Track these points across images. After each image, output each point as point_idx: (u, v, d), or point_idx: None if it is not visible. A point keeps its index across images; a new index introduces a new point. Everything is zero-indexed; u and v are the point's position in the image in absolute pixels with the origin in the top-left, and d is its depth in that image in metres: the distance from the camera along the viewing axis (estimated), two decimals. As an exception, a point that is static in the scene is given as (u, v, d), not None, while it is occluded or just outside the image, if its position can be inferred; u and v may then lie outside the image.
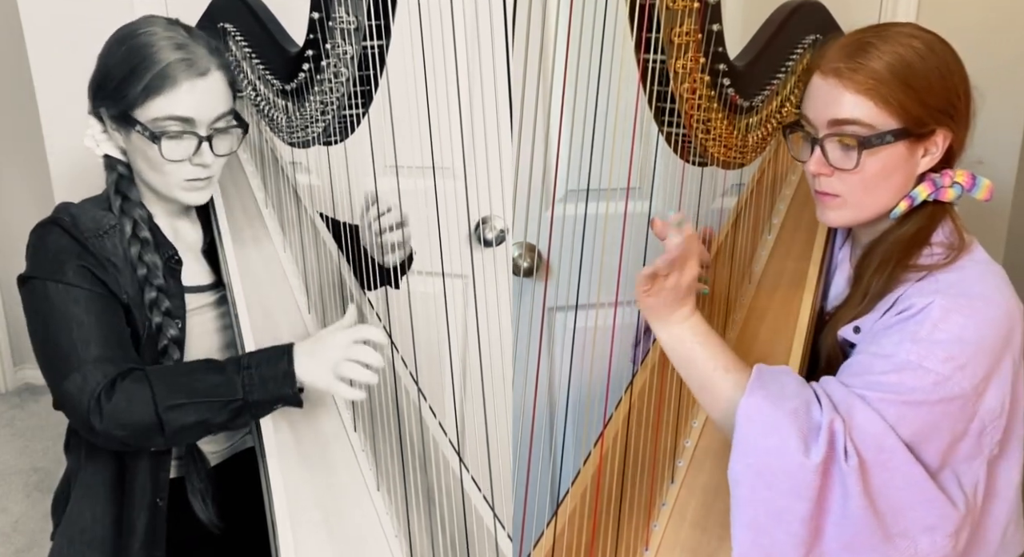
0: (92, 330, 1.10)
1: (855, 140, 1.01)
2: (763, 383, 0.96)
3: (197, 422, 1.08)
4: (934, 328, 0.95)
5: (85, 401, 1.06)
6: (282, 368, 1.09)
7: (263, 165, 1.43)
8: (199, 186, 1.19)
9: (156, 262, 1.18)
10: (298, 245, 1.37)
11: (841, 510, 0.92)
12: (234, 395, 1.08)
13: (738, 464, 0.94)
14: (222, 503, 1.26)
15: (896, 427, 0.93)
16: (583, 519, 1.06)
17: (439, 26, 1.10)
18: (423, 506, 1.13)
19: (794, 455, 0.91)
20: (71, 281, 1.12)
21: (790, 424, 0.92)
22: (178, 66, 1.12)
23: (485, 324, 1.56)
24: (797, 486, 0.91)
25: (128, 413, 1.07)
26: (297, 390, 1.10)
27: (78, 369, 1.08)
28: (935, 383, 0.93)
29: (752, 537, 0.93)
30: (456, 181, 1.26)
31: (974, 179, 1.06)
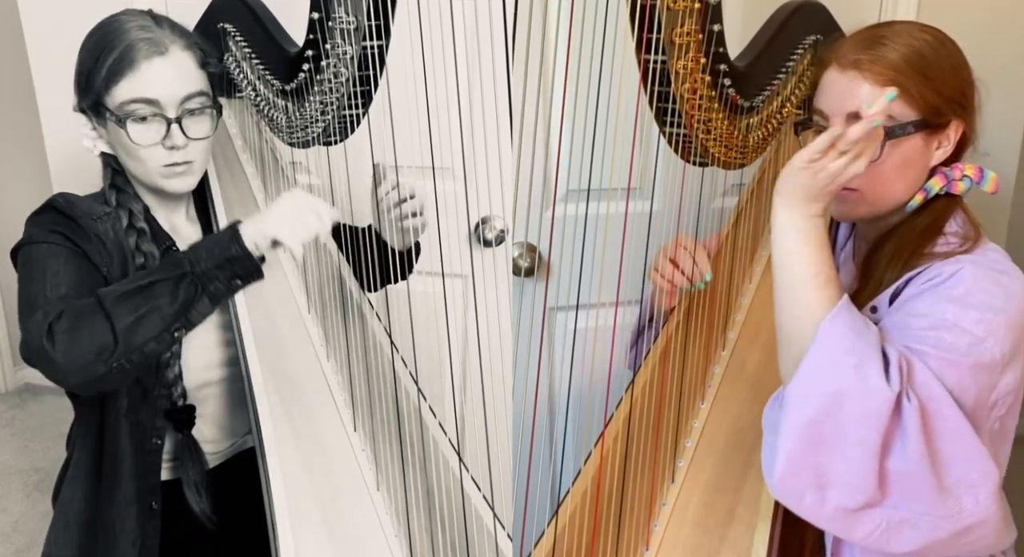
0: (65, 276, 1.10)
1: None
2: (851, 311, 0.93)
3: (148, 311, 1.02)
4: (967, 292, 0.95)
5: (41, 331, 1.01)
6: (226, 232, 1.05)
7: (263, 165, 1.43)
8: (179, 171, 1.18)
9: (153, 252, 1.18)
10: (298, 245, 1.36)
11: (901, 448, 0.88)
12: (180, 269, 1.03)
13: (806, 381, 0.89)
14: (222, 504, 1.26)
15: (940, 380, 0.91)
16: (584, 519, 1.06)
17: (439, 26, 1.10)
18: (423, 506, 1.13)
19: (875, 380, 0.87)
20: (54, 241, 1.12)
21: (873, 351, 0.89)
22: (137, 47, 1.12)
23: (485, 324, 1.56)
24: (871, 411, 0.87)
25: (76, 324, 1.01)
26: (247, 251, 1.05)
27: (42, 307, 1.05)
28: (971, 344, 0.92)
29: (805, 454, 0.89)
30: (456, 181, 1.27)
31: (982, 172, 1.06)
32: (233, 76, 1.30)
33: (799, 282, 0.95)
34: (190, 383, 1.21)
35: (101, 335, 1.00)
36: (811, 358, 0.90)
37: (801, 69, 1.20)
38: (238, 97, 1.34)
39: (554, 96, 1.60)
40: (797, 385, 0.90)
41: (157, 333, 1.03)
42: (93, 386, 1.07)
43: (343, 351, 1.27)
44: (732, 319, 1.23)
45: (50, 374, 1.04)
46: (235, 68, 1.29)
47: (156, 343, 1.04)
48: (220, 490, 1.27)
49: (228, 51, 1.29)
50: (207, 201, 1.33)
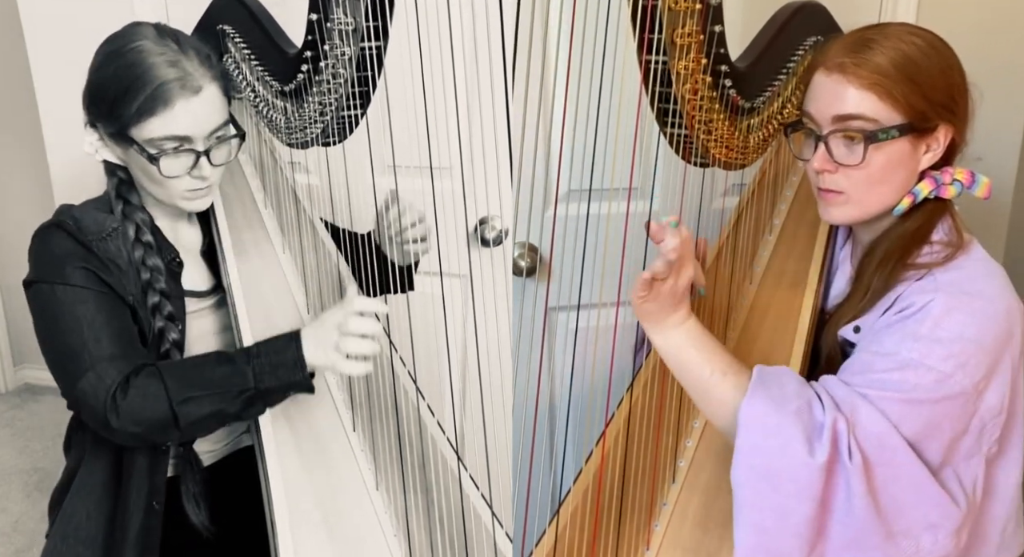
0: (103, 328, 1.11)
1: (860, 135, 1.01)
2: (764, 384, 0.96)
3: (211, 413, 1.08)
4: (935, 326, 0.95)
5: (102, 399, 1.06)
6: (291, 354, 1.09)
7: (262, 166, 1.43)
8: (201, 195, 1.19)
9: (159, 266, 1.18)
10: (297, 246, 1.36)
11: (845, 509, 0.92)
12: (246, 385, 1.08)
13: (741, 467, 0.93)
14: (218, 503, 1.26)
15: (899, 425, 0.93)
16: (584, 519, 1.06)
17: (437, 26, 1.10)
18: (422, 506, 1.13)
19: (798, 455, 0.90)
20: (77, 283, 1.12)
21: (793, 424, 0.92)
22: (172, 86, 1.10)
23: (485, 324, 1.56)
24: (802, 487, 0.91)
25: (143, 409, 1.07)
26: (308, 375, 1.10)
27: (92, 367, 1.08)
28: (937, 381, 0.93)
29: (756, 540, 0.93)
30: (456, 181, 1.27)
31: (973, 177, 1.06)
32: (232, 77, 1.30)
33: (703, 384, 1.00)
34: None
35: (165, 422, 1.08)
36: (738, 444, 0.94)
37: (802, 70, 1.20)
38: (237, 98, 1.34)
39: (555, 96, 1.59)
40: (734, 474, 0.94)
41: (214, 427, 1.14)
42: (135, 445, 1.17)
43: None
44: (732, 319, 1.23)
45: (100, 430, 1.11)
46: (234, 69, 1.29)
47: (209, 432, 1.17)
48: (216, 489, 1.27)
49: (227, 52, 1.29)
50: (207, 203, 1.33)
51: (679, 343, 1.01)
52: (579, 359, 1.46)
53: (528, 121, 1.58)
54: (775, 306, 1.20)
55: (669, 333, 1.01)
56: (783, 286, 1.21)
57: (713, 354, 1.00)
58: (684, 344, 1.01)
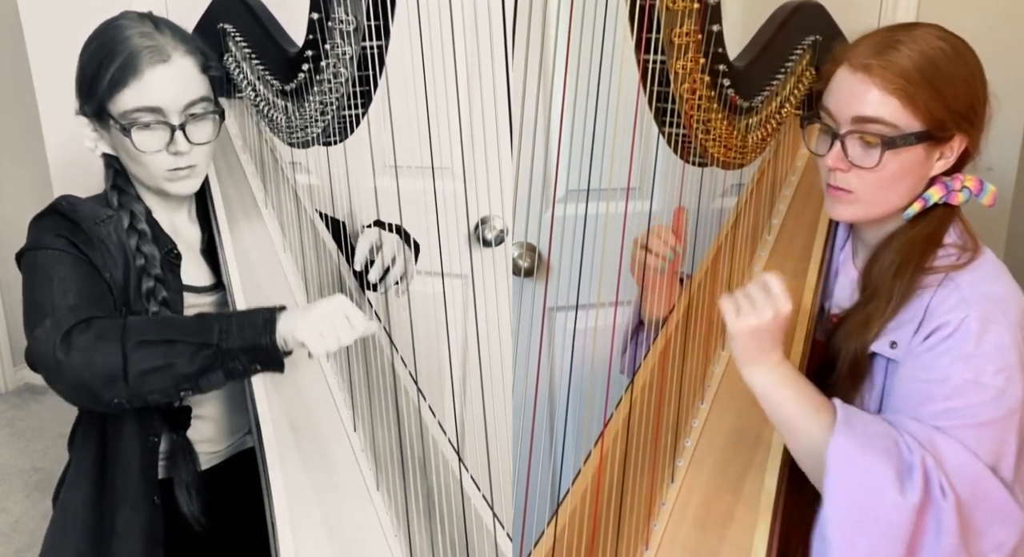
0: (72, 284, 1.10)
1: (878, 139, 1.00)
2: (850, 423, 0.94)
3: (163, 366, 1.02)
4: (979, 342, 0.95)
5: (52, 339, 1.02)
6: (262, 316, 1.05)
7: (263, 165, 1.43)
8: (182, 175, 1.19)
9: (154, 253, 1.19)
10: (298, 245, 1.37)
11: (933, 548, 0.90)
12: (208, 339, 1.03)
13: (831, 505, 0.91)
14: (221, 504, 1.26)
15: (977, 452, 0.92)
16: (583, 518, 1.06)
17: (438, 26, 1.10)
18: (423, 506, 1.13)
19: (891, 496, 0.89)
20: (59, 247, 1.12)
21: (884, 464, 0.90)
22: (140, 55, 1.12)
23: (485, 324, 1.56)
24: (893, 527, 0.89)
25: (93, 347, 1.02)
26: (275, 344, 1.04)
27: (51, 315, 1.05)
28: (995, 397, 0.93)
29: None
30: (456, 181, 1.27)
31: (982, 184, 1.06)
32: (233, 76, 1.30)
33: (795, 422, 0.98)
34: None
35: (114, 370, 1.01)
36: (828, 483, 0.92)
37: (800, 70, 1.20)
38: (238, 97, 1.34)
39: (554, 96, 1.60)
40: (824, 516, 0.92)
41: (165, 388, 1.04)
42: (84, 404, 1.11)
43: (343, 351, 1.27)
44: (732, 319, 1.23)
45: (50, 380, 1.04)
46: (235, 68, 1.29)
47: (160, 395, 1.06)
48: (219, 490, 1.27)
49: (228, 51, 1.29)
50: (207, 202, 1.33)
51: (775, 381, 0.99)
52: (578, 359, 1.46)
53: (528, 121, 1.58)
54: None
55: (769, 372, 0.99)
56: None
57: (803, 392, 0.98)
58: (780, 381, 0.99)
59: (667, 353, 1.20)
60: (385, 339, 1.28)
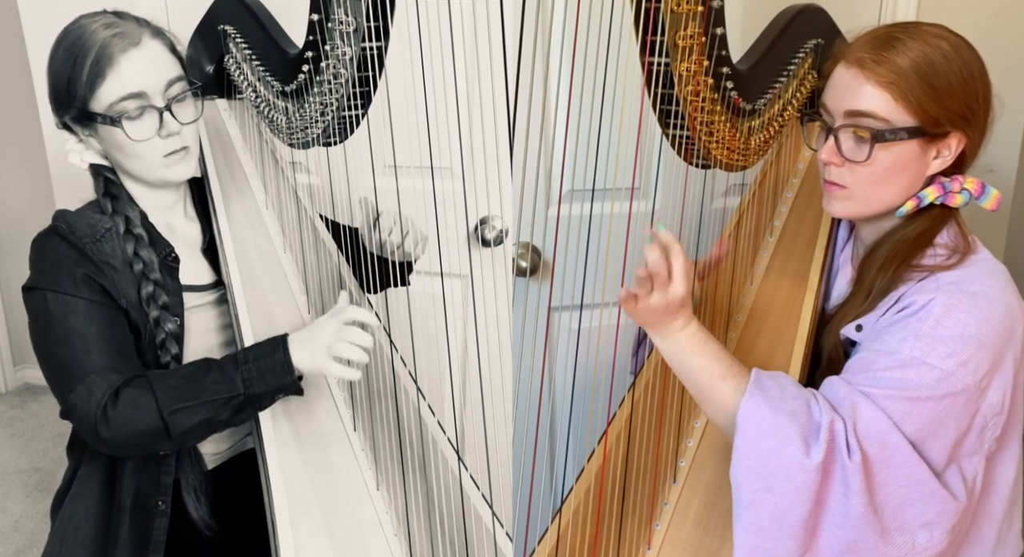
0: (94, 341, 1.11)
1: (868, 133, 1.01)
2: (761, 386, 0.96)
3: (201, 422, 1.09)
4: (937, 324, 0.96)
5: (92, 412, 1.07)
6: (279, 358, 1.10)
7: (263, 166, 1.43)
8: (178, 158, 1.19)
9: (152, 258, 1.19)
10: (298, 246, 1.37)
11: (841, 509, 0.92)
12: (235, 391, 1.09)
13: (739, 467, 0.94)
14: (223, 505, 1.26)
15: (900, 424, 0.93)
16: (586, 517, 1.06)
17: (438, 27, 1.10)
18: (423, 505, 1.13)
19: (794, 456, 0.91)
20: (69, 291, 1.13)
21: (790, 425, 0.92)
22: (111, 44, 1.13)
23: (485, 324, 1.56)
24: (797, 487, 0.91)
25: (133, 421, 1.08)
26: (296, 378, 1.11)
27: (82, 380, 1.09)
28: (938, 379, 0.93)
29: (754, 541, 0.93)
30: (456, 181, 1.27)
31: (983, 188, 1.06)
32: (233, 77, 1.30)
33: (703, 388, 1.01)
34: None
35: (157, 434, 1.08)
36: (736, 445, 0.94)
37: (802, 73, 1.20)
38: (238, 98, 1.34)
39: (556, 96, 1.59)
40: (732, 473, 0.95)
41: (205, 435, 1.14)
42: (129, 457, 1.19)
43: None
44: (734, 319, 1.23)
45: (92, 442, 1.12)
46: (235, 69, 1.29)
47: (201, 439, 1.16)
48: (220, 491, 1.27)
49: (228, 53, 1.29)
50: (207, 201, 1.33)
51: (680, 348, 1.02)
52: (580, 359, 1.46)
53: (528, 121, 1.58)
54: (776, 307, 1.20)
55: (669, 339, 1.02)
56: (784, 287, 1.21)
57: (714, 358, 1.01)
58: (684, 349, 1.02)
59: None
60: (385, 339, 1.28)
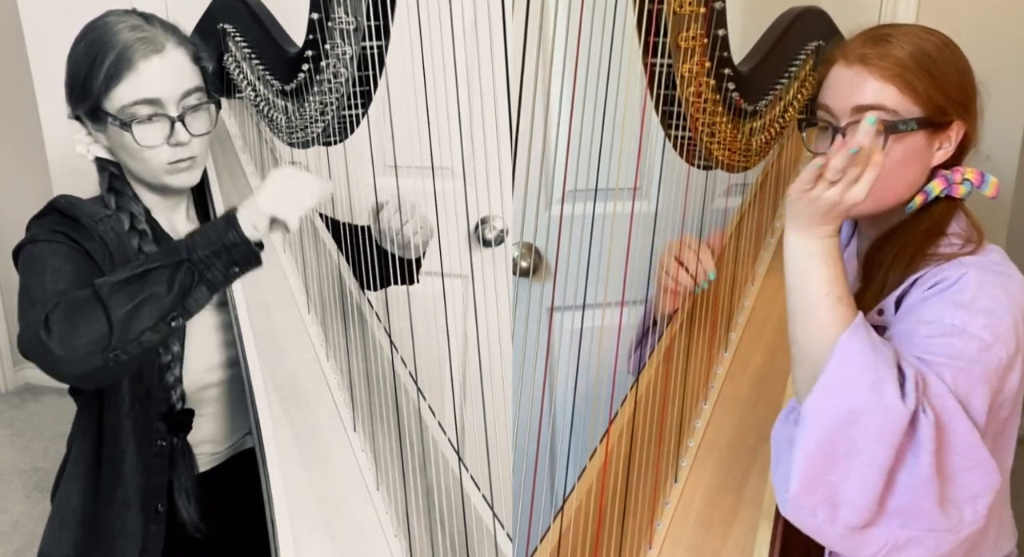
0: (65, 273, 1.09)
1: (881, 125, 1.00)
2: (867, 328, 0.92)
3: (145, 298, 0.99)
4: (975, 296, 0.95)
5: (39, 320, 0.99)
6: (223, 220, 1.03)
7: (263, 166, 1.43)
8: (183, 167, 1.18)
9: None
10: (298, 246, 1.37)
11: (911, 466, 0.88)
12: (176, 256, 1.01)
13: (823, 397, 0.88)
14: (221, 505, 1.26)
15: (953, 389, 0.91)
16: (588, 517, 1.06)
17: (438, 26, 1.10)
18: (423, 505, 1.13)
19: (891, 398, 0.86)
20: (56, 239, 1.12)
21: (888, 369, 0.88)
22: (133, 47, 1.12)
23: (485, 324, 1.56)
24: (885, 429, 0.86)
25: (72, 314, 0.99)
26: (245, 237, 1.02)
27: (40, 301, 1.04)
28: (979, 349, 0.92)
29: (819, 471, 0.88)
30: (456, 181, 1.26)
31: (983, 176, 1.06)
32: (233, 76, 1.30)
33: (813, 301, 0.94)
34: (191, 386, 1.21)
35: (97, 325, 0.98)
36: (828, 375, 0.89)
37: (803, 74, 1.20)
38: (238, 97, 1.34)
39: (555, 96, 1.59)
40: (813, 402, 0.89)
41: (154, 322, 1.00)
42: (92, 379, 1.06)
43: (343, 351, 1.27)
44: (735, 320, 1.23)
45: (48, 367, 1.02)
46: (235, 68, 1.29)
47: (152, 332, 1.01)
48: (218, 492, 1.27)
49: (228, 51, 1.29)
50: (207, 202, 1.33)
51: (816, 252, 0.95)
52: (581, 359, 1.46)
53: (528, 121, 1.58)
54: (777, 308, 1.20)
55: (811, 239, 0.95)
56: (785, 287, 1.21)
57: (839, 280, 0.95)
58: (820, 256, 0.95)
59: (671, 353, 1.20)
60: (385, 339, 1.28)
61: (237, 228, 1.02)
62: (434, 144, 1.14)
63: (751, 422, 1.12)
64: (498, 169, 1.54)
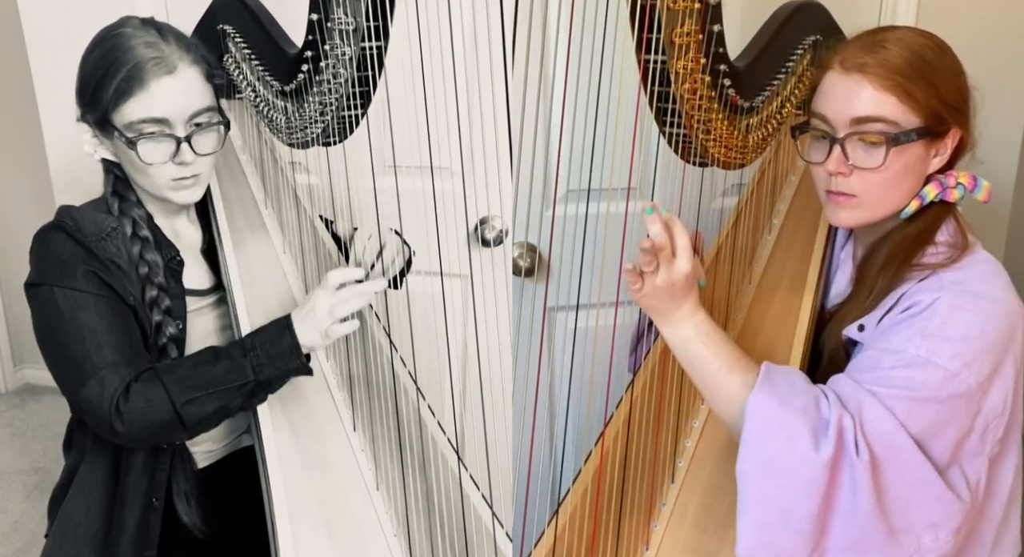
0: (104, 335, 1.11)
1: (882, 138, 1.00)
2: (771, 381, 0.95)
3: (215, 410, 1.10)
4: (943, 324, 0.95)
5: (106, 408, 1.07)
6: (287, 342, 1.11)
7: (262, 166, 1.43)
8: (187, 185, 1.18)
9: (157, 261, 1.19)
10: (298, 246, 1.37)
11: (849, 507, 0.91)
12: (246, 378, 1.10)
13: (746, 461, 0.93)
14: (216, 503, 1.26)
15: (906, 423, 0.92)
16: (584, 518, 1.06)
17: (437, 26, 1.10)
18: (422, 505, 1.13)
19: (804, 451, 0.90)
20: (78, 286, 1.12)
21: (799, 420, 0.91)
22: (146, 66, 1.11)
23: (485, 324, 1.56)
24: (806, 482, 0.90)
25: (147, 414, 1.08)
26: (305, 359, 1.13)
27: (94, 375, 1.08)
28: (944, 379, 0.93)
29: (758, 536, 0.92)
30: (456, 181, 1.27)
31: (975, 180, 1.06)
32: (233, 77, 1.30)
33: (710, 380, 1.00)
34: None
35: (172, 423, 1.09)
36: (744, 439, 0.93)
37: (801, 69, 1.20)
38: (238, 98, 1.34)
39: (554, 96, 1.60)
40: (740, 467, 0.93)
41: (219, 422, 1.14)
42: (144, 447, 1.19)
43: (342, 351, 1.27)
44: (731, 319, 1.23)
45: (107, 436, 1.12)
46: (235, 69, 1.29)
47: (215, 426, 1.15)
48: (214, 490, 1.27)
49: (228, 52, 1.29)
50: (208, 202, 1.33)
51: (687, 337, 1.01)
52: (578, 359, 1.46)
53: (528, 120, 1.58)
54: (774, 306, 1.20)
55: (677, 327, 1.01)
56: (782, 286, 1.21)
57: (722, 350, 1.00)
58: (692, 339, 1.00)
59: (668, 353, 1.20)
60: (384, 339, 1.28)
61: (302, 357, 1.12)
62: (433, 144, 1.14)
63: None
64: (497, 169, 1.54)
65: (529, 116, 1.58)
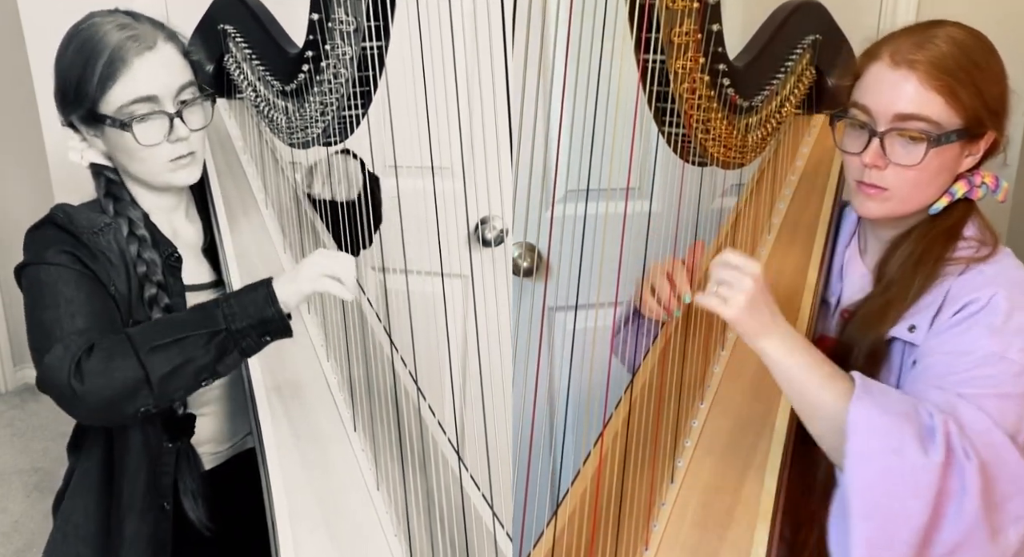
0: (80, 306, 1.09)
1: (922, 136, 1.00)
2: (869, 390, 0.93)
3: (182, 363, 1.04)
4: (1008, 318, 0.96)
5: (66, 367, 1.02)
6: (261, 292, 1.07)
7: (263, 166, 1.43)
8: (184, 164, 1.19)
9: (155, 259, 1.19)
10: (298, 246, 1.37)
11: (956, 512, 0.88)
12: (216, 326, 1.05)
13: (855, 475, 0.89)
14: (222, 504, 1.26)
15: (999, 421, 0.91)
16: (583, 519, 1.06)
17: (438, 26, 1.10)
18: (423, 505, 1.13)
19: (915, 457, 0.87)
20: (61, 262, 1.12)
21: (905, 426, 0.89)
22: (125, 46, 1.12)
23: (485, 324, 1.56)
24: (920, 489, 0.87)
25: (109, 370, 1.02)
26: (281, 311, 1.07)
27: (60, 340, 1.05)
28: (1017, 374, 0.93)
29: (869, 549, 0.89)
30: (456, 181, 1.27)
31: (997, 181, 1.08)
32: (233, 77, 1.30)
33: (812, 391, 0.95)
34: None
35: (135, 381, 1.03)
36: (850, 450, 0.89)
37: (800, 69, 1.20)
38: (238, 98, 1.34)
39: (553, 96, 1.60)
40: (848, 483, 0.89)
41: (187, 383, 1.07)
42: (104, 422, 1.12)
43: (343, 351, 1.28)
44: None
45: (68, 408, 1.05)
46: (235, 69, 1.29)
47: (184, 391, 1.08)
48: (219, 491, 1.27)
49: (228, 52, 1.29)
50: (207, 201, 1.33)
51: (783, 346, 0.97)
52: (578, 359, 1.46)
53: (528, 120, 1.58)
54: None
55: (772, 337, 0.97)
56: (782, 286, 1.21)
57: (816, 361, 0.97)
58: (787, 348, 0.97)
59: (667, 353, 1.20)
60: (385, 339, 1.28)
61: (276, 305, 1.06)
62: (434, 144, 1.14)
63: (748, 422, 1.12)
64: (497, 169, 1.54)
65: (529, 116, 1.59)
